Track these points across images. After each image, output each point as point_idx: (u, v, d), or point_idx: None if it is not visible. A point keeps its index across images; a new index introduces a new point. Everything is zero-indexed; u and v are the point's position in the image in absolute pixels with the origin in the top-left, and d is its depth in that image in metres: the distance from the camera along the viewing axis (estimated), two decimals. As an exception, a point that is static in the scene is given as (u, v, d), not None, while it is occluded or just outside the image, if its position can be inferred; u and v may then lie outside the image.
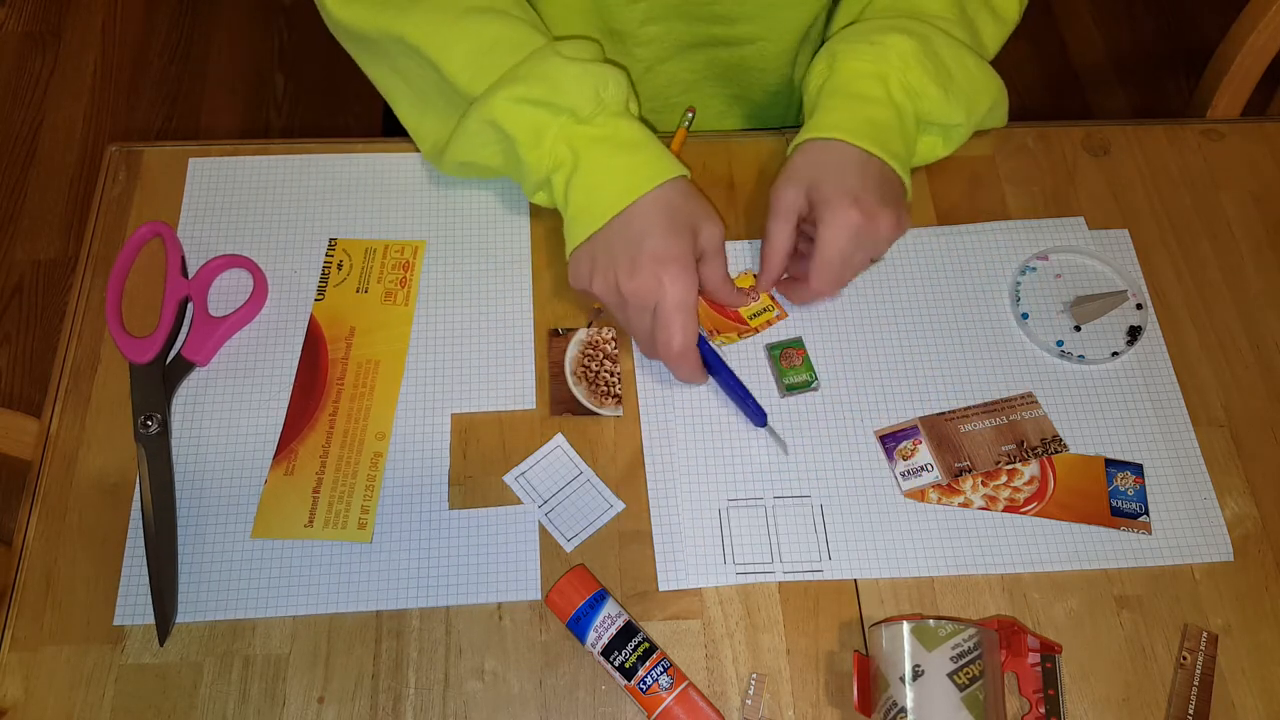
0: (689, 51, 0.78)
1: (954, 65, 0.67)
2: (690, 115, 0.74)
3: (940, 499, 0.62)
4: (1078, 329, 0.68)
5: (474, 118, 0.63)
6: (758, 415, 0.63)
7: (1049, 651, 0.57)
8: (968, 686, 0.52)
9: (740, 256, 0.70)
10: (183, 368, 0.65)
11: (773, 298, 0.69)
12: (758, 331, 0.67)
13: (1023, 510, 0.62)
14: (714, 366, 0.64)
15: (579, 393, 0.65)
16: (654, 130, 0.67)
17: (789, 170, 0.65)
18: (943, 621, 0.54)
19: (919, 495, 0.62)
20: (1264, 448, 0.64)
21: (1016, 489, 0.62)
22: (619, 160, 0.63)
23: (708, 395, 0.65)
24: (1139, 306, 0.69)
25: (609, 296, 0.62)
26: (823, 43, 0.72)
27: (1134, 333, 0.68)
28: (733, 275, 0.69)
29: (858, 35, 0.67)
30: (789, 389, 0.65)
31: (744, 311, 0.68)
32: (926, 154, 0.71)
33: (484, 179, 0.73)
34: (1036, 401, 0.65)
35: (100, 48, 1.86)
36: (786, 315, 0.68)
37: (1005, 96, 0.71)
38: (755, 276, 0.69)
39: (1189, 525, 0.62)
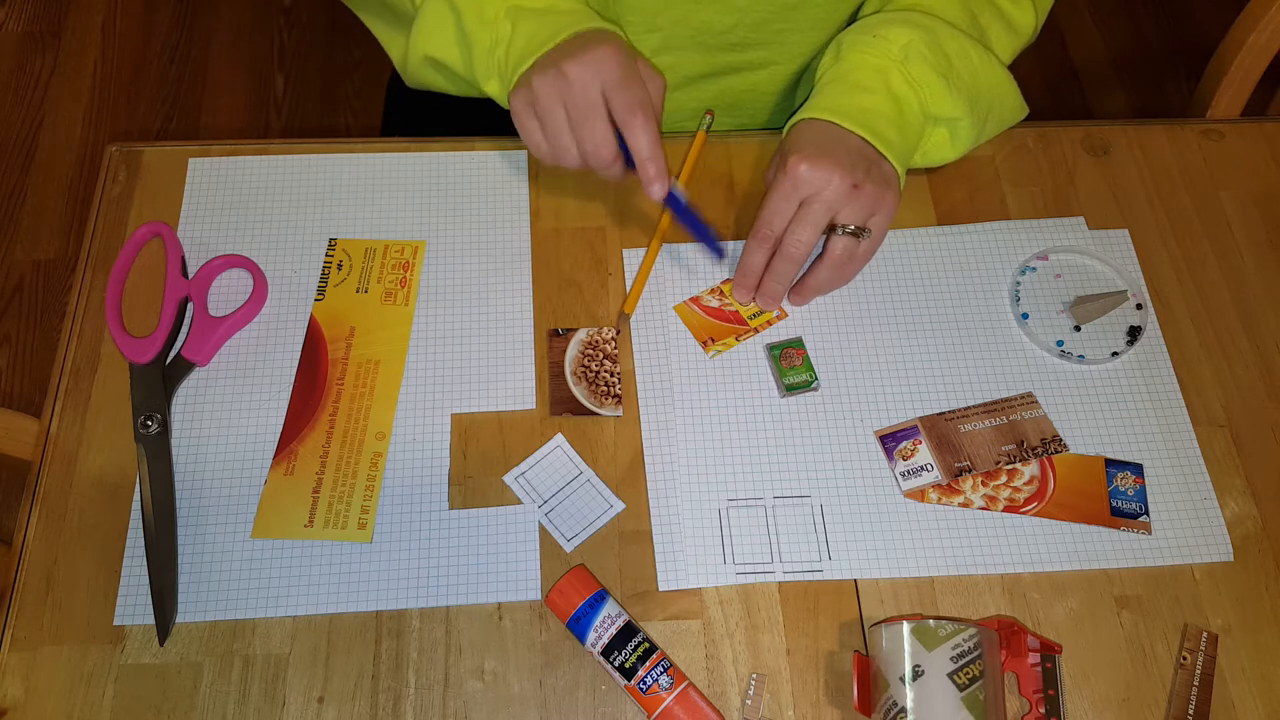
0: (700, 82, 0.79)
1: (957, 57, 0.67)
2: (709, 118, 0.74)
3: (940, 499, 0.62)
4: (1078, 329, 0.68)
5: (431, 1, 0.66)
6: (715, 249, 0.68)
7: (1049, 651, 0.57)
8: (968, 686, 0.52)
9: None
10: (183, 368, 0.65)
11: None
12: (758, 331, 0.67)
13: (1023, 510, 0.62)
14: (670, 199, 0.64)
15: (579, 393, 0.65)
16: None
17: (777, 150, 0.67)
18: (943, 621, 0.54)
19: (919, 495, 0.62)
20: (1264, 448, 0.64)
21: (1016, 489, 0.62)
22: (555, 17, 0.64)
23: (708, 395, 0.65)
24: (1139, 306, 0.69)
25: (548, 89, 0.60)
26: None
27: (1134, 333, 0.68)
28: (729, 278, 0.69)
29: (864, 28, 0.68)
30: (789, 389, 0.65)
31: (743, 312, 0.68)
32: (933, 152, 0.70)
33: (448, 90, 0.73)
34: (1036, 401, 0.65)
35: (100, 48, 1.86)
36: (787, 315, 0.68)
37: (1015, 91, 0.71)
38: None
39: (1189, 525, 0.62)
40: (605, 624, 0.56)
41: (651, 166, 0.60)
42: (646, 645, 0.55)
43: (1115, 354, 0.67)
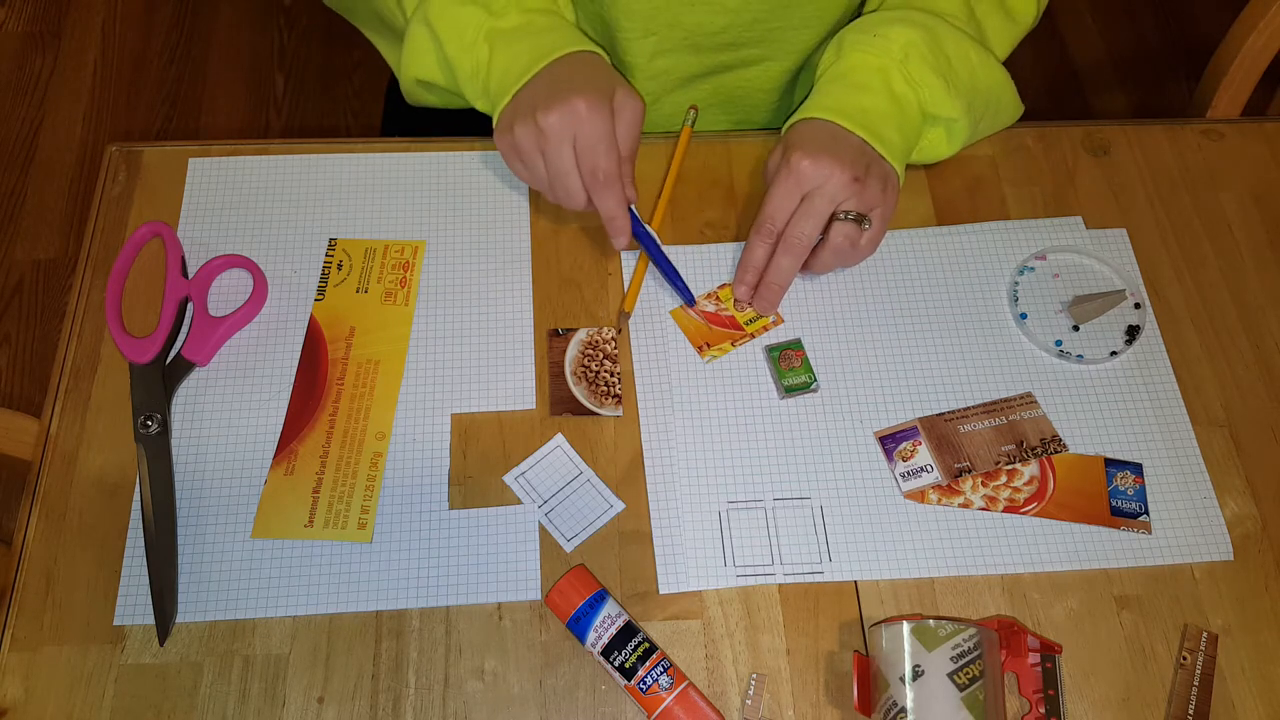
0: (695, 82, 0.79)
1: (956, 57, 0.67)
2: (693, 113, 0.74)
3: (940, 499, 0.62)
4: (1076, 329, 0.68)
5: (414, 22, 0.68)
6: (685, 295, 0.67)
7: (1049, 651, 0.57)
8: (968, 686, 0.52)
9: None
10: (183, 368, 0.65)
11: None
12: (753, 337, 0.67)
13: (1023, 510, 0.62)
14: (641, 236, 0.67)
15: (579, 393, 0.65)
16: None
17: (776, 146, 0.68)
18: (943, 621, 0.54)
19: (919, 496, 0.62)
20: (1264, 448, 0.64)
21: (1016, 489, 0.62)
22: (532, 40, 0.66)
23: (707, 397, 0.65)
24: (1137, 306, 0.69)
25: (527, 140, 0.63)
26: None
27: (1132, 332, 0.68)
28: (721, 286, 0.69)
29: (865, 26, 0.68)
30: (788, 390, 0.65)
31: (739, 317, 0.68)
32: (929, 150, 0.71)
33: (446, 106, 0.75)
34: (1036, 402, 0.65)
35: (100, 48, 1.86)
36: (782, 321, 0.68)
37: (1012, 91, 0.72)
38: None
39: (1189, 525, 0.62)
40: (605, 624, 0.56)
41: (612, 226, 0.65)
42: (646, 645, 0.55)
43: (1114, 354, 0.67)
